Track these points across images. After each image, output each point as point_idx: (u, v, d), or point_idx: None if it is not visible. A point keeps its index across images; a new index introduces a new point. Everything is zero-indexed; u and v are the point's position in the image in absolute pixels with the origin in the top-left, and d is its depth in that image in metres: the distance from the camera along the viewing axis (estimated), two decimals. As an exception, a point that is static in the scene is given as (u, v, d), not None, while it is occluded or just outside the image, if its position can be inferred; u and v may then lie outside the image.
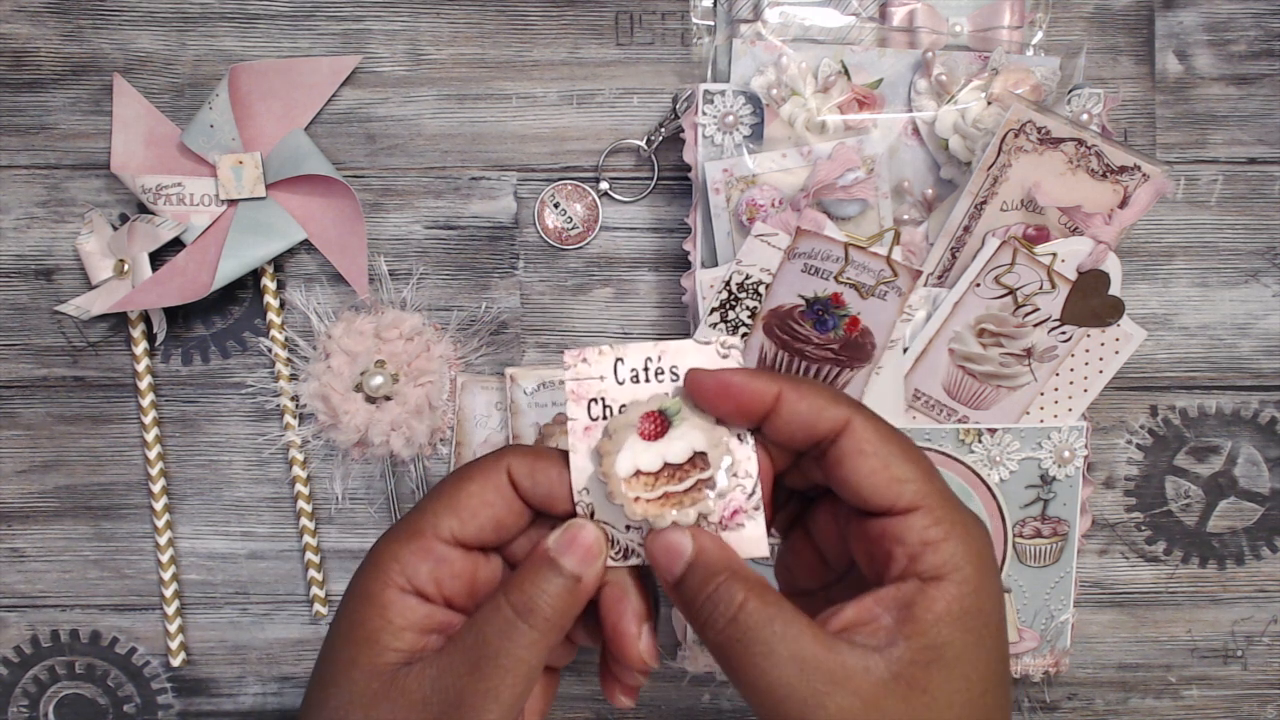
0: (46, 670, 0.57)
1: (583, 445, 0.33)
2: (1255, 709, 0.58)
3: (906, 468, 0.32)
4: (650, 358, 0.34)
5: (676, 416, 0.33)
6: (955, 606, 0.31)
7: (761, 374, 0.33)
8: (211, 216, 0.54)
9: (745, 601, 0.31)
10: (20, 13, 0.54)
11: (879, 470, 0.32)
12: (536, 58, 0.54)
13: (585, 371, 0.34)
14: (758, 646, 0.30)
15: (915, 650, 0.30)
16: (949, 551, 0.31)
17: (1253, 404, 0.56)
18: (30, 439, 0.56)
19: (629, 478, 0.33)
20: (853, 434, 0.32)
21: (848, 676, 0.30)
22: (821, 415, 0.32)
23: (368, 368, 0.53)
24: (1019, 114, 0.48)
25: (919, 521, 0.31)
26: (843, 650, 0.30)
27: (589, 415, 0.33)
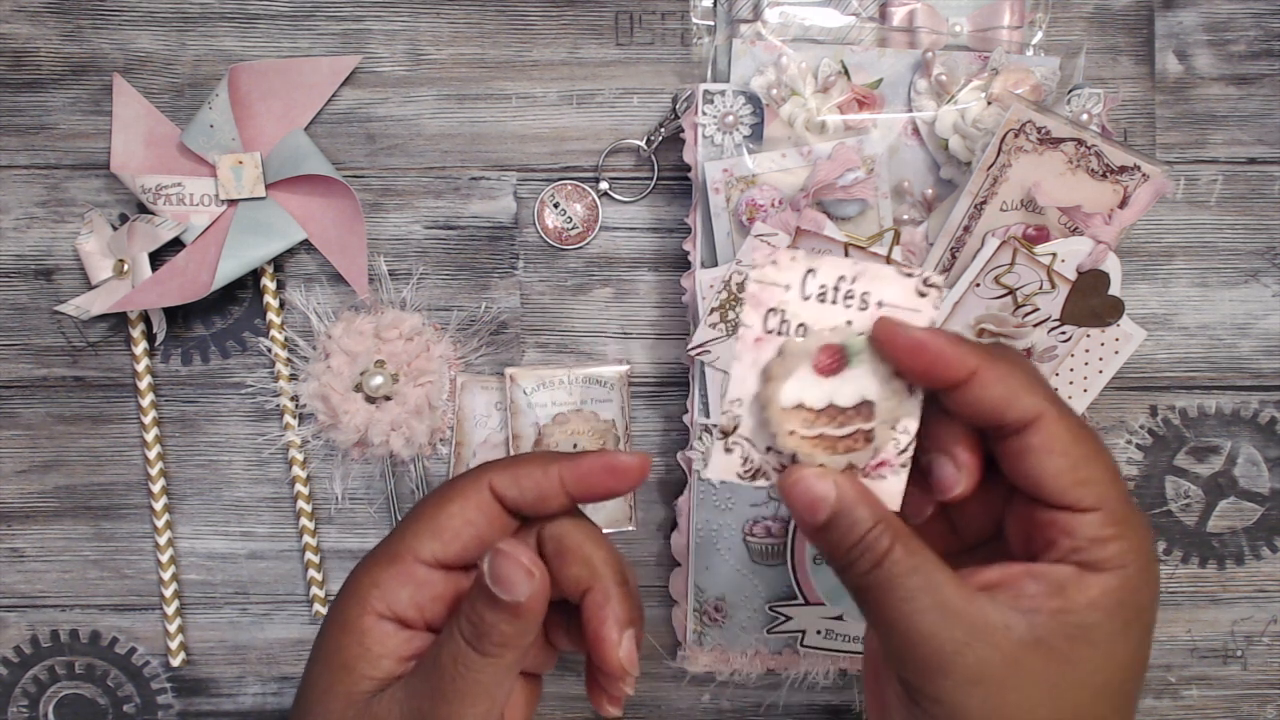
0: (46, 670, 0.57)
1: (749, 355, 0.31)
2: (1255, 709, 0.58)
3: (1094, 469, 0.31)
4: (844, 276, 0.31)
5: (857, 356, 0.31)
6: (1112, 597, 0.31)
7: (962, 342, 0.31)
8: (211, 216, 0.54)
9: (891, 549, 0.31)
10: (20, 13, 0.54)
11: (1066, 471, 0.31)
12: (536, 58, 0.54)
13: (771, 276, 0.31)
14: (901, 592, 0.30)
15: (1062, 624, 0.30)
16: (1116, 548, 0.31)
17: (1253, 404, 0.56)
18: (30, 439, 0.56)
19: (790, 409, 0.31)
20: (1044, 429, 0.31)
21: (989, 630, 0.30)
22: (1014, 404, 0.31)
23: (368, 368, 0.53)
24: (1019, 114, 0.48)
25: (1095, 520, 0.31)
26: (985, 605, 0.30)
27: (764, 325, 0.31)
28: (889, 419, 0.31)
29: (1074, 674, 0.30)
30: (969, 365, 0.31)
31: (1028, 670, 0.30)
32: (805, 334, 0.31)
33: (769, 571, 0.54)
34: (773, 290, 0.31)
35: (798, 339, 0.31)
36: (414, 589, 0.33)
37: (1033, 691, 0.30)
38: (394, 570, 0.33)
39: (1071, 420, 0.32)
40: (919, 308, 0.31)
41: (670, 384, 0.55)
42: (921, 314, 0.31)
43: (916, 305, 0.31)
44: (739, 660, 0.55)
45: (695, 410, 0.52)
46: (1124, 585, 0.31)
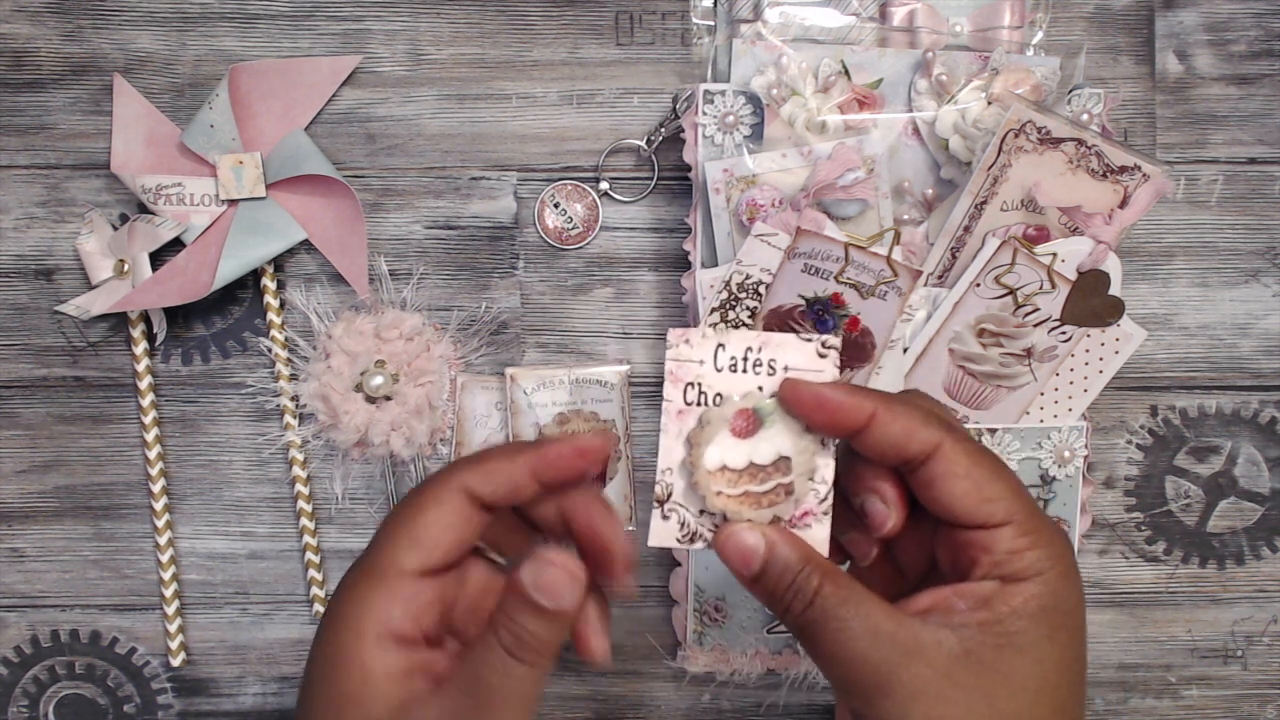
0: (46, 670, 0.57)
1: (674, 427, 0.34)
2: (1255, 709, 0.58)
3: (996, 486, 0.33)
4: (751, 347, 0.34)
5: (769, 417, 0.34)
6: (1033, 603, 0.32)
7: (857, 391, 0.34)
8: (211, 216, 0.54)
9: (820, 587, 0.33)
10: (20, 13, 0.54)
11: (970, 492, 0.33)
12: (536, 58, 0.54)
13: (686, 354, 0.34)
14: (834, 623, 0.32)
15: (989, 634, 0.32)
16: (1033, 557, 0.33)
17: (1253, 404, 0.56)
18: (30, 439, 0.56)
19: (714, 471, 0.34)
20: (943, 457, 0.33)
21: (921, 648, 0.32)
22: (912, 438, 0.33)
23: (368, 368, 0.53)
24: (1019, 114, 0.48)
25: (1007, 534, 0.33)
26: (915, 626, 0.32)
27: (684, 399, 0.34)
28: (805, 471, 0.34)
29: (1005, 681, 0.32)
30: (866, 410, 0.33)
31: (962, 682, 0.32)
32: (721, 402, 0.34)
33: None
34: (689, 366, 0.34)
35: (715, 408, 0.34)
36: (404, 603, 0.33)
37: (969, 702, 0.32)
38: (381, 588, 0.33)
39: (969, 445, 0.34)
40: (821, 368, 0.35)
41: (670, 384, 0.55)
42: (824, 373, 0.35)
43: (818, 366, 0.35)
44: (739, 660, 0.55)
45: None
46: (1045, 591, 0.33)
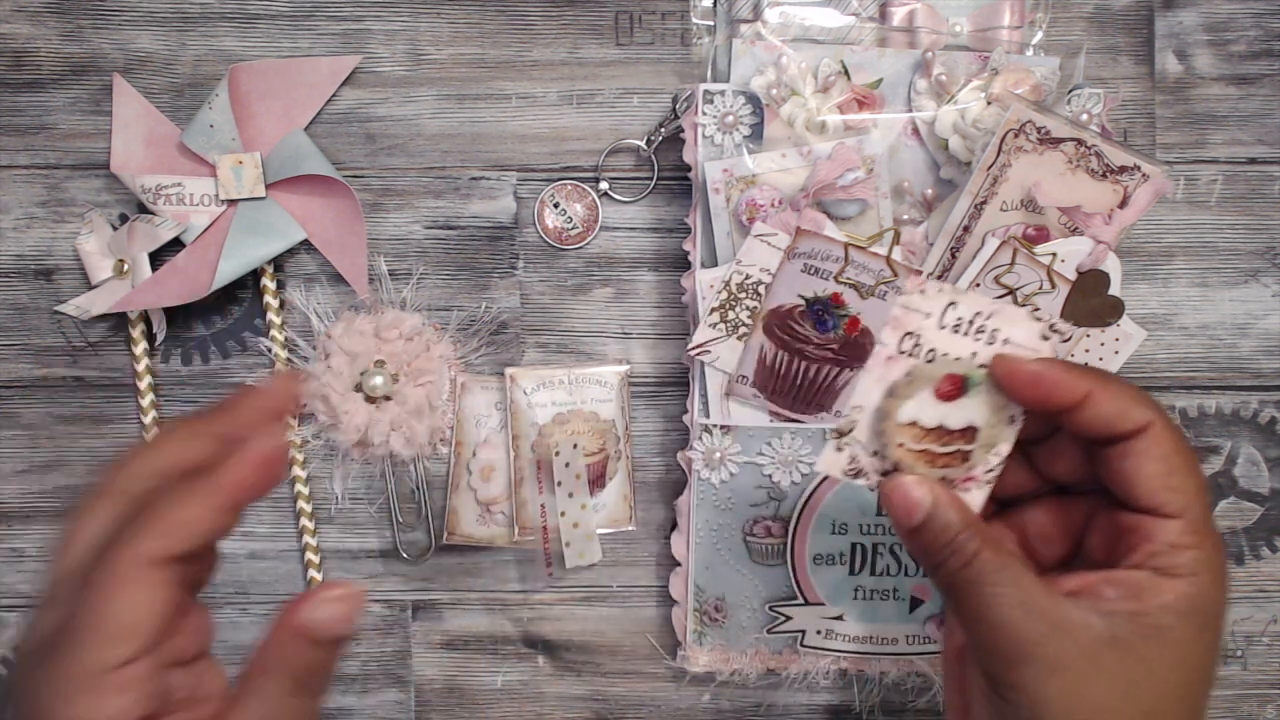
0: (46, 670, 0.57)
1: (878, 370, 0.34)
2: (1255, 709, 0.58)
3: (1186, 479, 0.34)
4: (980, 312, 0.34)
5: (976, 387, 0.34)
6: (1184, 601, 0.33)
7: (1073, 369, 0.34)
8: (211, 216, 0.54)
9: (980, 551, 0.33)
10: (20, 13, 0.54)
11: (1161, 475, 0.34)
12: (536, 58, 0.54)
13: (917, 303, 0.34)
14: (988, 588, 0.33)
15: (1138, 624, 0.33)
16: (1191, 557, 0.33)
17: (1253, 404, 0.56)
18: (30, 439, 0.56)
19: (904, 424, 0.35)
20: (1150, 435, 0.34)
21: (1069, 626, 0.33)
22: (1126, 415, 0.34)
23: (367, 368, 0.53)
24: (1019, 114, 0.48)
25: (1176, 527, 0.34)
26: (1066, 604, 0.33)
27: (898, 346, 0.34)
28: (988, 443, 0.35)
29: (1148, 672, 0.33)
30: (1083, 388, 0.34)
31: (1104, 665, 0.33)
32: (934, 359, 0.35)
33: (769, 571, 0.54)
34: (914, 316, 0.34)
35: (926, 363, 0.34)
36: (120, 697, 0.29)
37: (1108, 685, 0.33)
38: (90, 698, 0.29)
39: (1177, 434, 0.35)
40: (1040, 349, 0.35)
41: (670, 384, 0.55)
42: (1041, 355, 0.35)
43: (1038, 347, 0.35)
44: (739, 660, 0.55)
45: (695, 410, 0.52)
46: (1198, 592, 0.33)
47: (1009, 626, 0.33)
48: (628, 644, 0.57)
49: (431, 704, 0.57)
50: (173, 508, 0.30)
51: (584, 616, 0.57)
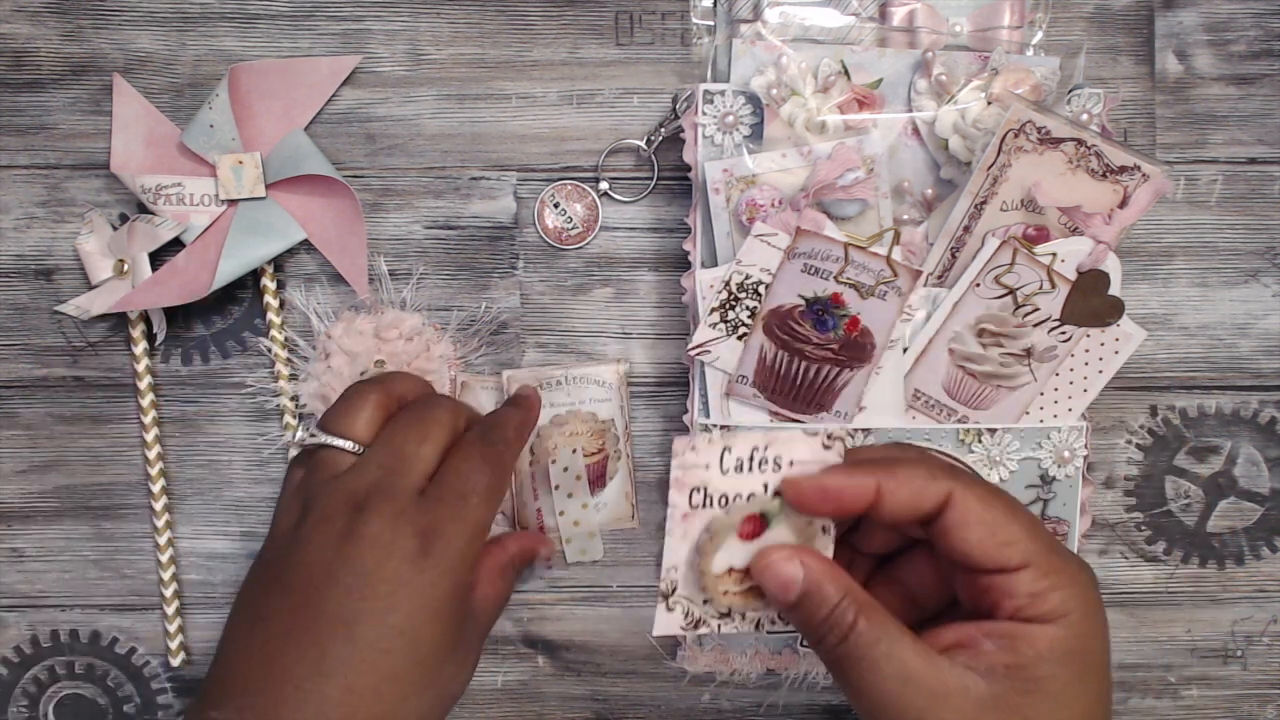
0: (46, 670, 0.57)
1: (679, 529, 0.35)
2: (1255, 709, 0.58)
3: (1012, 529, 0.34)
4: (757, 447, 0.35)
5: (775, 518, 0.35)
6: (1060, 646, 0.33)
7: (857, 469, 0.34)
8: (211, 216, 0.54)
9: (855, 621, 0.33)
10: (20, 13, 0.54)
11: (986, 539, 0.33)
12: (536, 58, 0.54)
13: (692, 460, 0.34)
14: (866, 662, 0.33)
15: (1016, 679, 0.32)
16: (1056, 600, 0.33)
17: (1253, 404, 0.56)
18: (30, 439, 0.56)
19: (721, 574, 0.35)
20: (955, 506, 0.34)
21: (948, 694, 0.32)
22: (923, 496, 0.34)
23: (368, 368, 0.53)
24: (1019, 114, 0.48)
25: (1027, 577, 0.33)
26: (944, 669, 0.33)
27: (689, 503, 0.35)
28: None
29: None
30: (870, 486, 0.34)
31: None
32: (727, 506, 0.35)
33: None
34: (695, 472, 0.34)
35: (721, 513, 0.35)
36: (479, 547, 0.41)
37: None
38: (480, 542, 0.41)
39: (980, 489, 0.34)
40: (825, 459, 0.35)
41: (670, 384, 0.55)
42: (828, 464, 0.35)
43: (823, 459, 0.35)
44: (739, 660, 0.55)
45: (695, 410, 0.52)
46: (1070, 633, 0.33)
47: (890, 702, 0.32)
48: (628, 644, 0.57)
49: (431, 704, 0.57)
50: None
51: (584, 616, 0.57)
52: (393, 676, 0.37)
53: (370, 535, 0.38)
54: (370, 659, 0.36)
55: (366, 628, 0.37)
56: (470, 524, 0.39)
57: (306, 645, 0.37)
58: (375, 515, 0.38)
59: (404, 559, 0.37)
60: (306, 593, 0.38)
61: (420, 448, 0.41)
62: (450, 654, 0.38)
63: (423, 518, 0.38)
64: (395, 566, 0.37)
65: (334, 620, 0.37)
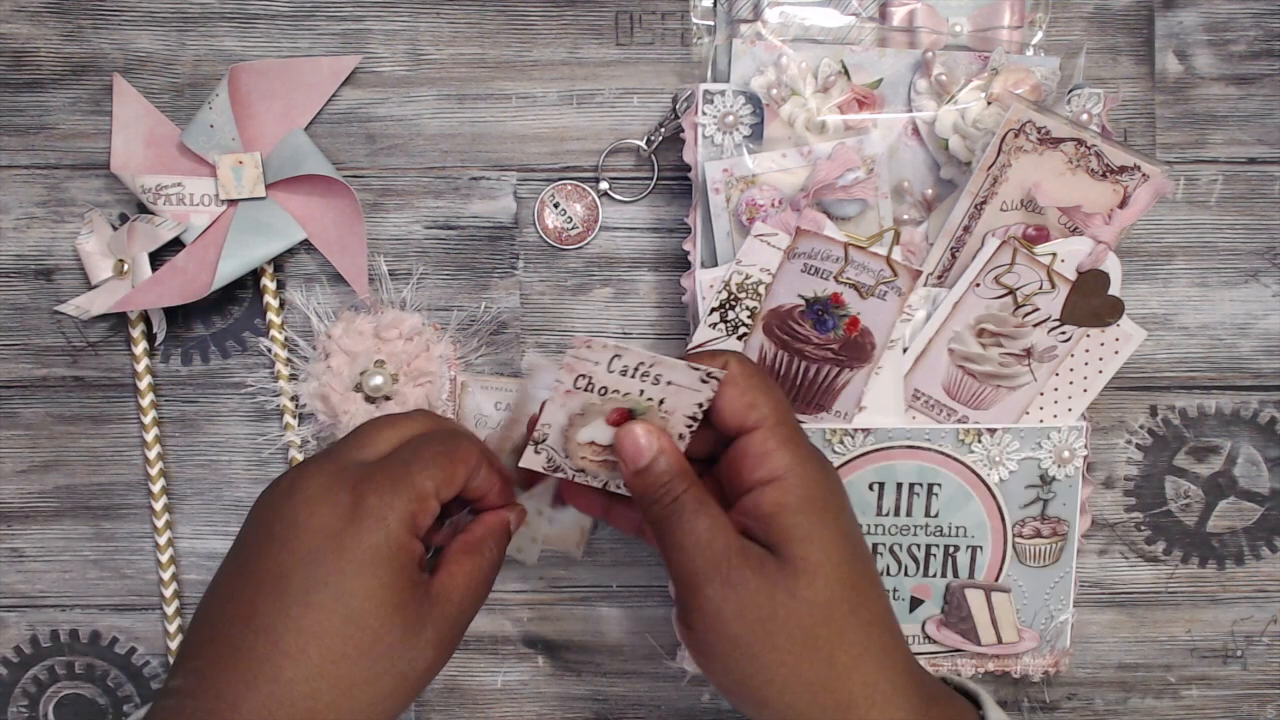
0: (46, 670, 0.57)
1: (559, 400, 0.40)
2: (1255, 709, 0.58)
3: (760, 397, 0.39)
4: (643, 363, 0.39)
5: (640, 415, 0.40)
6: (789, 498, 0.38)
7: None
8: (211, 216, 0.54)
9: (684, 492, 0.39)
10: (20, 13, 0.54)
11: (737, 397, 0.39)
12: (536, 58, 0.54)
13: (585, 355, 0.39)
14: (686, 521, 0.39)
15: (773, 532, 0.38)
16: (781, 459, 0.39)
17: (1253, 404, 0.56)
18: (30, 439, 0.56)
19: (584, 444, 0.41)
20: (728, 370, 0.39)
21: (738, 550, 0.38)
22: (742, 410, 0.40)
23: (367, 368, 0.53)
24: (1019, 114, 0.48)
25: (759, 436, 0.39)
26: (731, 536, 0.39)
27: (574, 384, 0.40)
28: None
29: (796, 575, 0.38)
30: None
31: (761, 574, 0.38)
32: (604, 395, 0.40)
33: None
34: (585, 364, 0.39)
35: (597, 399, 0.40)
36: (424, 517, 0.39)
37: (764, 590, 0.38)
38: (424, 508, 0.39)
39: (749, 364, 0.40)
40: (699, 389, 0.39)
41: (670, 384, 0.55)
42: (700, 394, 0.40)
43: (699, 388, 0.39)
44: (739, 660, 0.55)
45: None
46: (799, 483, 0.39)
47: (699, 550, 0.38)
48: (628, 644, 0.57)
49: (431, 704, 0.57)
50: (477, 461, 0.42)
51: (584, 616, 0.57)
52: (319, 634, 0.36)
53: (305, 489, 0.38)
54: (296, 614, 0.36)
55: (292, 582, 0.37)
56: (409, 486, 0.38)
57: (240, 602, 0.37)
58: (315, 472, 0.39)
59: (334, 512, 0.37)
60: (247, 550, 0.39)
61: (381, 431, 0.41)
62: (399, 629, 0.37)
63: (362, 477, 0.38)
64: (324, 518, 0.37)
65: (264, 575, 0.37)
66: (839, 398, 0.51)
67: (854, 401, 0.51)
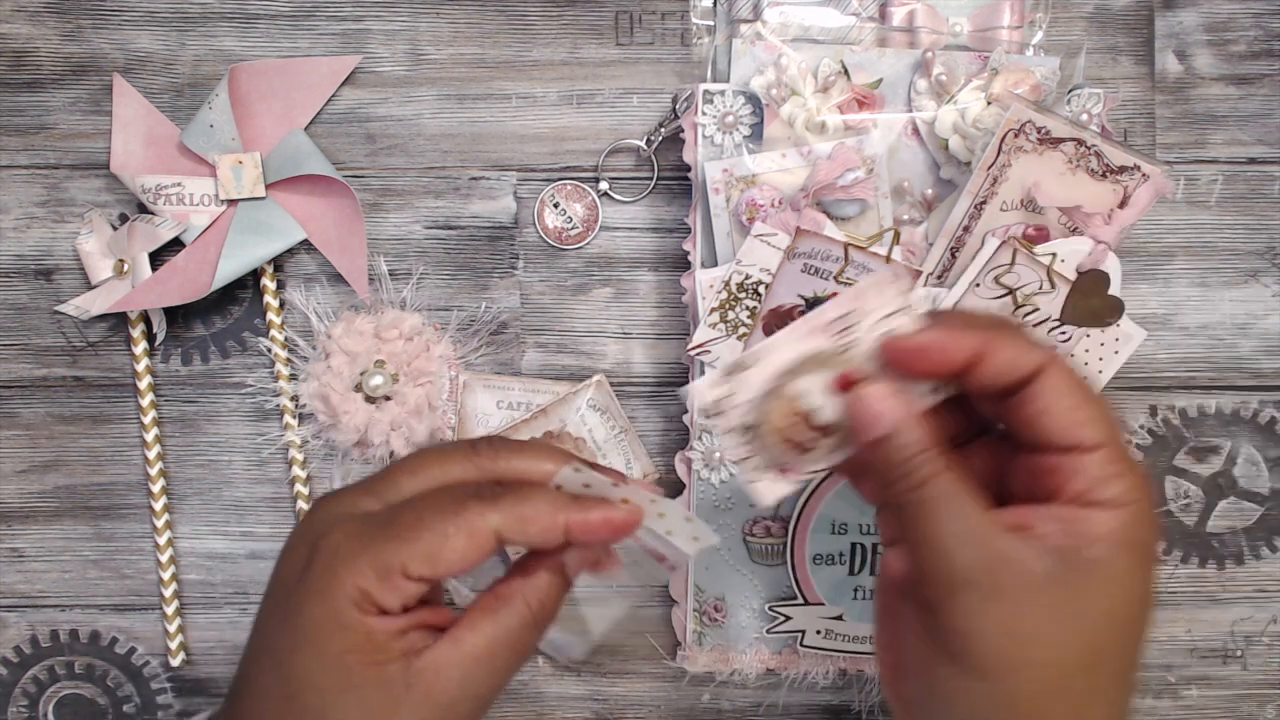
0: (46, 670, 0.57)
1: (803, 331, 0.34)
2: (1255, 709, 0.58)
3: (1095, 409, 0.34)
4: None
5: None
6: (1119, 533, 0.33)
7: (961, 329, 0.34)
8: (211, 216, 0.54)
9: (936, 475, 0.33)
10: (20, 13, 0.54)
11: (1069, 412, 0.34)
12: (536, 58, 0.54)
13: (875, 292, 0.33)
14: (939, 513, 0.33)
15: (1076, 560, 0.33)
16: (1121, 486, 0.33)
17: (1253, 404, 0.56)
18: (30, 439, 0.56)
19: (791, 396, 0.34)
20: (1048, 377, 0.34)
21: (1010, 558, 0.33)
22: (1019, 362, 0.34)
23: (367, 368, 0.53)
24: (1019, 114, 0.48)
25: (1099, 458, 0.33)
26: (1005, 539, 0.33)
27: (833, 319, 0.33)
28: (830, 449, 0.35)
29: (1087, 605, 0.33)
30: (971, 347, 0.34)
31: (1043, 598, 0.33)
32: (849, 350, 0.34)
33: (769, 571, 0.54)
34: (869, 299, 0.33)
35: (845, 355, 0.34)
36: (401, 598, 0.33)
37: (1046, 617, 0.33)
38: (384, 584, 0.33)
39: (1072, 369, 0.35)
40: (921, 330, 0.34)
41: (670, 384, 0.55)
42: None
43: None
44: (739, 660, 0.55)
45: (695, 410, 0.52)
46: (1129, 522, 0.33)
47: (954, 552, 0.33)
48: (628, 644, 0.57)
49: (431, 704, 0.57)
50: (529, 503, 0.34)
51: (584, 617, 0.57)
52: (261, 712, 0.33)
53: (296, 529, 0.35)
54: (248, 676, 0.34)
55: (252, 638, 0.35)
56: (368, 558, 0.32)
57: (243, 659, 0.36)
58: (315, 508, 0.35)
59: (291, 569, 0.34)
60: None
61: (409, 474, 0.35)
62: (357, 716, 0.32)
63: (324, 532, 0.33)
64: (285, 571, 0.34)
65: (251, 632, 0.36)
66: (839, 398, 0.51)
67: (854, 401, 0.51)
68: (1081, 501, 0.33)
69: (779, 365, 0.34)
